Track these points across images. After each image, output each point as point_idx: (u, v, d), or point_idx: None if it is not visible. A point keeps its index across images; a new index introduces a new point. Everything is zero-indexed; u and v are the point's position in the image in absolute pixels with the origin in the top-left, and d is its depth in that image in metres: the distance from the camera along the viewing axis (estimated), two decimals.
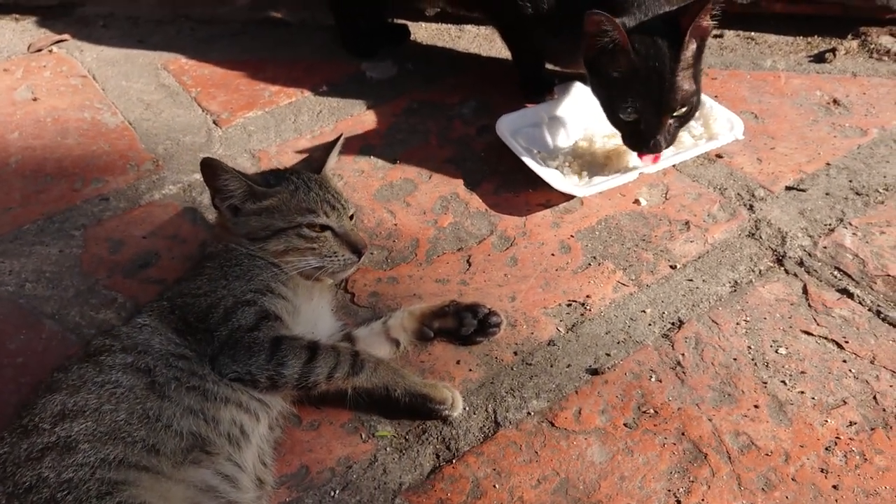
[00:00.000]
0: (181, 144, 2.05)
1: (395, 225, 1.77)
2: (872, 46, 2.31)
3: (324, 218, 1.46)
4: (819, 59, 2.27)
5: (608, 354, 1.45)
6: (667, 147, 1.77)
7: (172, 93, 2.28)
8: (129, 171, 1.96)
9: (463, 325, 1.47)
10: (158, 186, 1.91)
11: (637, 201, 1.80)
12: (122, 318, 1.53)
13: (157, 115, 2.17)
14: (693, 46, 1.68)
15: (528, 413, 1.35)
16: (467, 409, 1.36)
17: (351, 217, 1.52)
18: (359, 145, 2.02)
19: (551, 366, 1.44)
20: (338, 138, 1.63)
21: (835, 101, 2.09)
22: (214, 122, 2.14)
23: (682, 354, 1.44)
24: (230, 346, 1.23)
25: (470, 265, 1.66)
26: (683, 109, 1.72)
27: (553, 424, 1.33)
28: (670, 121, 1.73)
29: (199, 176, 1.92)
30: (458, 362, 1.45)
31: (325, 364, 1.25)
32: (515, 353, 1.46)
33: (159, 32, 2.59)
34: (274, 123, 2.12)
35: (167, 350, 1.22)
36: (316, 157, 1.61)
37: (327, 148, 1.61)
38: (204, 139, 2.07)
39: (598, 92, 1.80)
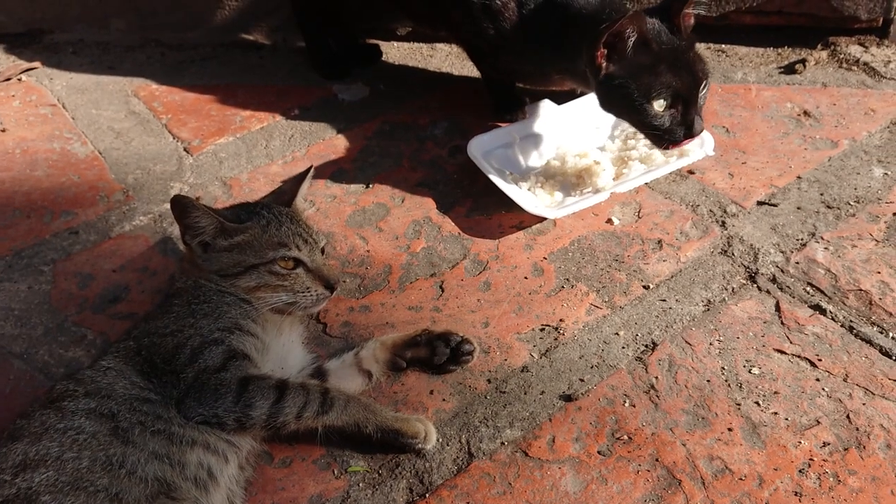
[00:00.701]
0: (152, 173, 2.03)
1: (368, 251, 1.76)
2: (842, 56, 2.32)
3: (296, 251, 1.44)
4: (789, 70, 2.28)
5: (582, 380, 1.44)
6: (702, 129, 1.75)
7: (143, 120, 2.26)
8: (99, 203, 1.94)
9: (436, 354, 1.46)
10: (129, 218, 1.89)
11: (610, 220, 1.80)
12: (92, 356, 1.51)
13: (128, 144, 2.15)
14: None
15: (502, 443, 1.34)
16: (441, 440, 1.35)
17: (322, 250, 1.51)
18: (331, 170, 2.01)
19: (525, 393, 1.43)
20: (308, 170, 1.62)
21: (805, 113, 2.10)
22: (185, 150, 2.12)
23: (656, 377, 1.44)
24: (196, 388, 1.22)
25: (443, 291, 1.65)
26: (706, 82, 1.73)
27: (527, 454, 1.32)
28: (699, 99, 1.72)
29: (168, 206, 1.91)
30: (431, 392, 1.44)
31: (293, 403, 1.23)
32: (489, 381, 1.45)
33: (129, 58, 2.57)
34: (245, 149, 2.11)
35: (131, 394, 1.20)
36: (286, 189, 1.60)
37: (297, 180, 1.60)
38: (175, 167, 2.05)
39: (616, 98, 1.74)
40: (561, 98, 2.06)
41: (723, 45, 2.41)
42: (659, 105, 1.70)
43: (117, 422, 1.15)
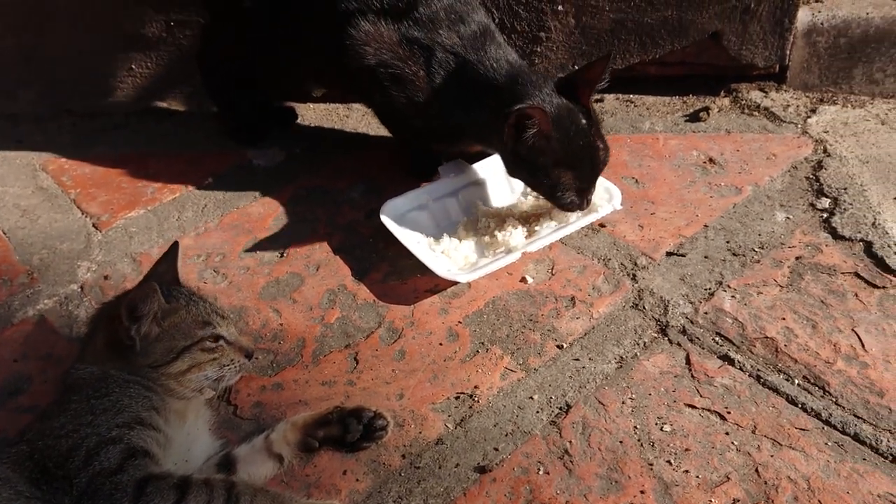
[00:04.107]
0: (58, 253, 1.97)
1: (281, 325, 1.73)
2: (744, 102, 2.41)
3: (218, 328, 1.44)
4: (694, 118, 2.35)
5: (496, 449, 1.43)
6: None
7: (51, 195, 2.20)
8: (2, 287, 1.87)
9: (348, 431, 1.43)
10: (33, 301, 1.83)
11: (524, 279, 1.81)
12: None
13: (34, 222, 2.09)
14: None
15: None
16: None
17: None
18: (245, 240, 1.98)
19: (440, 467, 1.41)
20: (174, 245, 1.58)
21: (711, 160, 2.17)
22: (94, 226, 2.07)
23: (570, 442, 1.44)
24: (90, 494, 1.16)
25: (357, 363, 1.63)
26: (605, 165, 1.86)
27: None
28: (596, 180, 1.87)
29: (76, 287, 1.86)
30: (344, 473, 1.41)
31: (196, 503, 1.19)
32: (403, 457, 1.43)
33: (39, 131, 2.52)
34: (157, 222, 2.07)
35: None
36: (164, 270, 1.54)
37: (169, 257, 1.56)
38: (82, 245, 2.00)
39: (527, 179, 1.89)
40: (475, 157, 2.08)
41: (631, 96, 2.48)
42: (563, 199, 1.84)
43: None
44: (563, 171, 1.79)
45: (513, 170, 1.87)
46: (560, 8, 2.29)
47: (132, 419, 1.29)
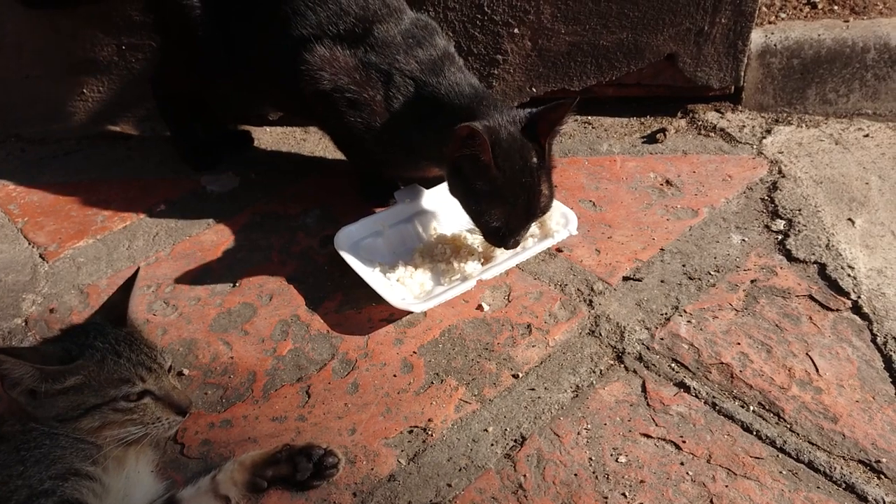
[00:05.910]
0: (3, 285, 1.92)
1: (232, 358, 1.69)
2: (700, 123, 2.42)
3: (140, 385, 1.33)
4: (652, 139, 2.36)
5: (449, 485, 1.41)
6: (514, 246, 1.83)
7: None
8: None
9: (298, 470, 1.39)
10: None
11: (480, 307, 1.79)
12: None
13: None
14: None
15: None
16: None
17: (169, 369, 1.43)
18: (196, 270, 1.94)
19: None
20: (135, 273, 1.51)
21: (667, 182, 2.17)
22: (41, 256, 2.01)
23: (524, 476, 1.42)
24: None
25: (309, 397, 1.59)
26: (544, 214, 1.81)
27: None
28: (528, 227, 1.81)
29: (20, 321, 1.81)
30: None
31: None
32: (354, 495, 1.40)
33: None
34: (106, 252, 2.01)
35: None
36: (116, 301, 1.48)
37: (126, 287, 1.48)
38: (28, 277, 1.94)
39: (461, 199, 1.82)
40: (432, 183, 2.06)
41: (589, 117, 2.48)
42: (490, 223, 1.77)
43: None
44: (495, 203, 1.73)
45: (451, 186, 1.82)
46: (516, 31, 2.28)
47: (65, 470, 1.22)
